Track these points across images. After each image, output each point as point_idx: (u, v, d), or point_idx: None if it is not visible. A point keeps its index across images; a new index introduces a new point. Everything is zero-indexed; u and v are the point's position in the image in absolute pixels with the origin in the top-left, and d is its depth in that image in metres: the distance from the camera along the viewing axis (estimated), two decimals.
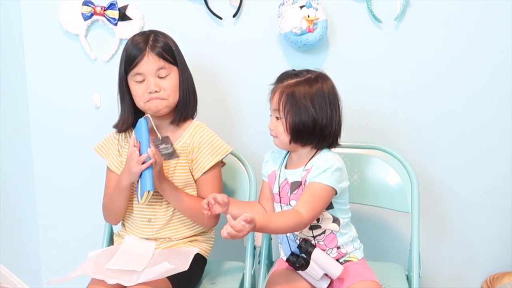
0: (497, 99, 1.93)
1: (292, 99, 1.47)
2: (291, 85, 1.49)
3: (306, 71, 1.53)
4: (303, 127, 1.47)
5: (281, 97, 1.48)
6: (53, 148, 2.10)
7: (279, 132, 1.50)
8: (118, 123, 1.70)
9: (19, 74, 2.09)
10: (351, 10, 1.90)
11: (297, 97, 1.47)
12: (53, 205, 2.15)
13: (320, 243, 1.53)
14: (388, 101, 1.96)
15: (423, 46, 1.91)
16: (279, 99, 1.49)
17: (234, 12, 1.92)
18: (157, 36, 1.64)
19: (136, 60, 1.60)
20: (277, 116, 1.50)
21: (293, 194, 1.53)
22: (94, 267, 1.54)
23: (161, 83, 1.62)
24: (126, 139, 1.71)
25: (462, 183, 2.00)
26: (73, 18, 1.95)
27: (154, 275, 1.48)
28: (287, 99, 1.47)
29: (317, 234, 1.53)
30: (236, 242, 2.00)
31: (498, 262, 2.06)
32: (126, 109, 1.68)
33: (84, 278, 1.56)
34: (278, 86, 1.51)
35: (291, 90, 1.48)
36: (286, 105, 1.47)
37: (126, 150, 1.69)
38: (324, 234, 1.53)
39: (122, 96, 1.68)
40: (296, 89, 1.47)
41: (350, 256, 1.57)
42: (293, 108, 1.47)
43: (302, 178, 1.51)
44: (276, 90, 1.51)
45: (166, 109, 1.64)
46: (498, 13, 1.87)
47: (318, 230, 1.53)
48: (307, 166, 1.51)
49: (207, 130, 1.69)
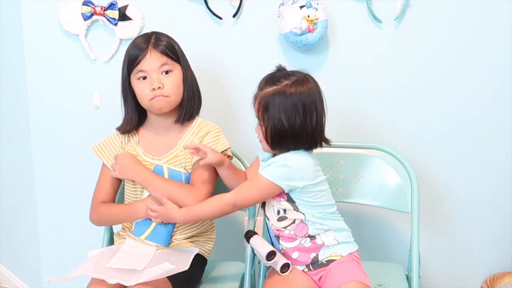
0: (497, 99, 1.93)
1: (267, 108, 1.51)
2: (268, 94, 1.51)
3: (287, 75, 1.53)
4: (277, 134, 1.51)
5: (259, 107, 1.53)
6: (53, 148, 2.09)
7: (261, 137, 1.55)
8: (122, 125, 1.71)
9: (19, 74, 2.09)
10: (351, 10, 1.90)
11: (271, 107, 1.50)
12: (53, 205, 2.15)
13: (291, 232, 1.56)
14: (388, 101, 1.96)
15: (423, 46, 1.91)
16: (258, 108, 1.53)
17: (234, 12, 1.92)
18: (159, 35, 1.65)
19: (139, 58, 1.61)
20: (258, 123, 1.55)
21: None
22: (95, 267, 1.54)
23: (164, 80, 1.62)
24: (130, 143, 1.71)
25: (462, 183, 2.00)
26: (73, 18, 1.95)
27: (155, 275, 1.47)
28: (264, 109, 1.51)
29: (286, 225, 1.56)
30: (236, 242, 2.01)
31: (498, 262, 2.06)
32: (129, 110, 1.69)
33: (84, 278, 1.56)
34: (258, 94, 1.54)
35: (267, 100, 1.51)
36: (264, 114, 1.52)
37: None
38: (294, 224, 1.55)
39: (125, 97, 1.68)
40: (271, 99, 1.50)
41: (332, 255, 1.55)
42: (269, 117, 1.51)
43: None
44: (256, 98, 1.55)
45: (168, 108, 1.64)
46: (498, 13, 1.87)
47: (286, 221, 1.55)
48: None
49: (212, 124, 1.71)
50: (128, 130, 1.70)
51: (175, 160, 1.67)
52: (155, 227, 1.62)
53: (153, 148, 1.69)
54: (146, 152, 1.69)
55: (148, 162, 1.67)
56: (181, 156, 1.67)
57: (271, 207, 1.57)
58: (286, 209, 1.55)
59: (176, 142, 1.69)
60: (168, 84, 1.62)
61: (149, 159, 1.68)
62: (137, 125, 1.71)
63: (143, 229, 1.64)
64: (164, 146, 1.69)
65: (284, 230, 1.56)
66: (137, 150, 1.70)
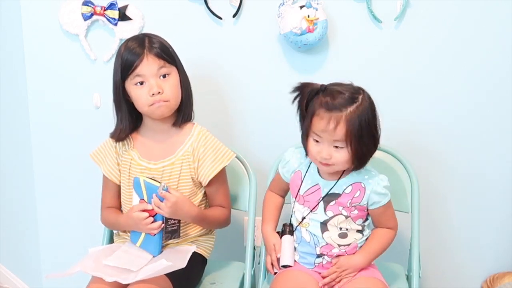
0: (497, 99, 1.93)
1: (360, 128, 1.42)
2: (353, 114, 1.41)
3: (350, 89, 1.45)
4: (369, 153, 1.47)
5: (347, 128, 1.41)
6: (53, 148, 2.09)
7: (341, 161, 1.46)
8: (115, 132, 1.67)
9: (19, 74, 2.09)
10: (351, 10, 1.90)
11: (363, 125, 1.42)
12: (53, 205, 2.15)
13: (341, 251, 1.55)
14: (388, 101, 1.95)
15: (423, 46, 1.91)
16: (346, 131, 1.41)
17: (234, 12, 1.92)
18: (151, 37, 1.62)
19: (135, 64, 1.57)
20: (338, 145, 1.44)
21: (329, 205, 1.53)
22: (94, 265, 1.55)
23: (163, 84, 1.59)
24: (124, 148, 1.69)
25: (462, 183, 2.00)
26: (73, 18, 1.95)
27: (152, 273, 1.47)
28: (353, 130, 1.41)
29: (343, 244, 1.55)
30: (236, 242, 2.01)
31: (498, 262, 2.06)
32: (123, 118, 1.65)
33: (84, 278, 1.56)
34: (338, 115, 1.41)
35: (357, 121, 1.41)
36: (355, 135, 1.42)
37: (124, 160, 1.68)
38: (349, 246, 1.55)
39: (118, 104, 1.65)
40: (360, 118, 1.42)
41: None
42: (362, 137, 1.43)
43: (343, 191, 1.52)
44: (338, 120, 1.41)
45: (169, 112, 1.63)
46: (498, 13, 1.87)
47: (346, 239, 1.54)
48: (350, 180, 1.52)
49: (210, 137, 1.68)
50: (123, 137, 1.68)
51: (171, 168, 1.65)
52: (145, 237, 1.62)
53: (149, 152, 1.68)
54: (141, 156, 1.68)
55: (143, 166, 1.66)
56: (178, 164, 1.65)
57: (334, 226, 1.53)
58: (349, 228, 1.54)
59: (174, 149, 1.66)
60: (167, 88, 1.59)
61: (145, 163, 1.67)
62: (131, 130, 1.69)
63: (137, 236, 1.64)
64: (160, 151, 1.67)
65: (336, 248, 1.54)
66: (132, 154, 1.68)
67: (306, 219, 1.55)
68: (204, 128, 1.70)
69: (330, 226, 1.53)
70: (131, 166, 1.67)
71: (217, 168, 1.65)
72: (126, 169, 1.68)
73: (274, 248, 1.58)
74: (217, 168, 1.65)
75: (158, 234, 1.58)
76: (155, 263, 1.53)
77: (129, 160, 1.68)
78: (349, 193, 1.52)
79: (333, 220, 1.53)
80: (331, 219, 1.53)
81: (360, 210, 1.53)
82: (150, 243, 1.61)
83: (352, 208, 1.52)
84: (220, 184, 1.70)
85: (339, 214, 1.52)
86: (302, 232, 1.56)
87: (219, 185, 1.69)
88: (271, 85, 1.95)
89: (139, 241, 1.63)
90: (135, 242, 1.64)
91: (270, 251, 1.59)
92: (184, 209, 1.58)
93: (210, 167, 1.65)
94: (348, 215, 1.52)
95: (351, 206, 1.52)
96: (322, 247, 1.55)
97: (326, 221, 1.53)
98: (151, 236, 1.60)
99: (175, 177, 1.65)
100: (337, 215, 1.52)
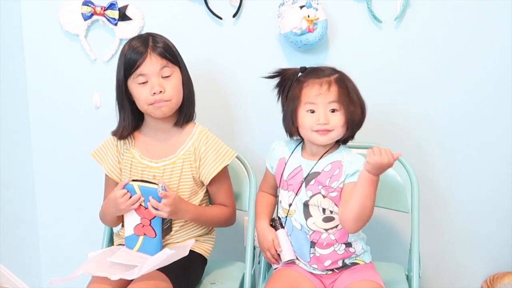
0: (496, 99, 1.93)
1: (347, 91, 1.49)
2: (341, 78, 1.50)
3: (328, 67, 1.55)
4: (359, 120, 1.51)
5: (339, 89, 1.48)
6: (53, 148, 2.10)
7: (337, 125, 1.49)
8: (117, 130, 1.68)
9: (19, 74, 2.09)
10: (351, 10, 1.90)
11: (350, 89, 1.50)
12: (53, 205, 2.15)
13: (331, 237, 1.54)
14: (388, 101, 1.96)
15: (423, 46, 1.91)
16: (339, 91, 1.48)
17: (234, 12, 1.92)
18: (155, 37, 1.63)
19: (138, 62, 1.58)
20: (334, 108, 1.49)
21: (309, 184, 1.53)
22: (96, 266, 1.54)
23: (165, 83, 1.60)
24: (125, 146, 1.70)
25: (462, 183, 2.00)
26: (73, 18, 1.95)
27: (156, 263, 1.48)
28: (345, 91, 1.48)
29: (331, 227, 1.54)
30: (236, 242, 2.01)
31: (498, 262, 2.06)
32: (126, 116, 1.66)
33: (85, 278, 1.56)
34: (328, 79, 1.49)
35: (345, 84, 1.49)
36: (346, 97, 1.48)
37: (125, 158, 1.69)
38: (336, 228, 1.54)
39: (121, 102, 1.66)
40: (347, 81, 1.50)
41: (357, 258, 1.58)
42: (351, 101, 1.48)
43: (322, 169, 1.52)
44: (329, 82, 1.49)
45: (170, 112, 1.63)
46: (498, 13, 1.87)
47: (332, 223, 1.54)
48: (330, 159, 1.53)
49: (211, 136, 1.68)
50: (125, 135, 1.68)
51: (172, 167, 1.65)
52: (144, 241, 1.61)
53: (150, 151, 1.68)
54: (143, 155, 1.68)
55: (145, 165, 1.67)
56: (179, 163, 1.66)
57: (316, 206, 1.53)
58: (333, 210, 1.53)
59: (175, 149, 1.67)
60: (169, 88, 1.60)
61: (146, 162, 1.67)
62: (133, 129, 1.69)
63: (133, 243, 1.63)
64: (162, 150, 1.68)
65: (324, 233, 1.54)
66: (133, 153, 1.69)
67: (293, 205, 1.56)
68: (205, 127, 1.70)
69: (311, 208, 1.53)
70: (132, 165, 1.68)
71: (218, 167, 1.65)
72: (127, 167, 1.68)
73: (273, 243, 1.58)
74: (218, 167, 1.65)
75: (157, 236, 1.59)
76: (159, 253, 1.54)
77: (130, 159, 1.68)
78: (328, 171, 1.52)
79: (313, 199, 1.53)
80: (311, 199, 1.53)
81: (340, 192, 1.52)
82: (148, 246, 1.61)
83: (331, 189, 1.51)
84: (222, 183, 1.70)
85: (318, 193, 1.52)
86: (292, 221, 1.57)
87: (221, 184, 1.70)
88: (271, 85, 1.95)
89: (136, 247, 1.62)
90: (131, 248, 1.63)
91: (270, 246, 1.59)
92: (182, 207, 1.59)
93: (212, 166, 1.65)
94: (326, 195, 1.51)
95: (329, 186, 1.51)
96: (311, 235, 1.55)
97: (307, 201, 1.53)
98: (148, 240, 1.60)
99: (176, 176, 1.65)
100: (316, 194, 1.53)
